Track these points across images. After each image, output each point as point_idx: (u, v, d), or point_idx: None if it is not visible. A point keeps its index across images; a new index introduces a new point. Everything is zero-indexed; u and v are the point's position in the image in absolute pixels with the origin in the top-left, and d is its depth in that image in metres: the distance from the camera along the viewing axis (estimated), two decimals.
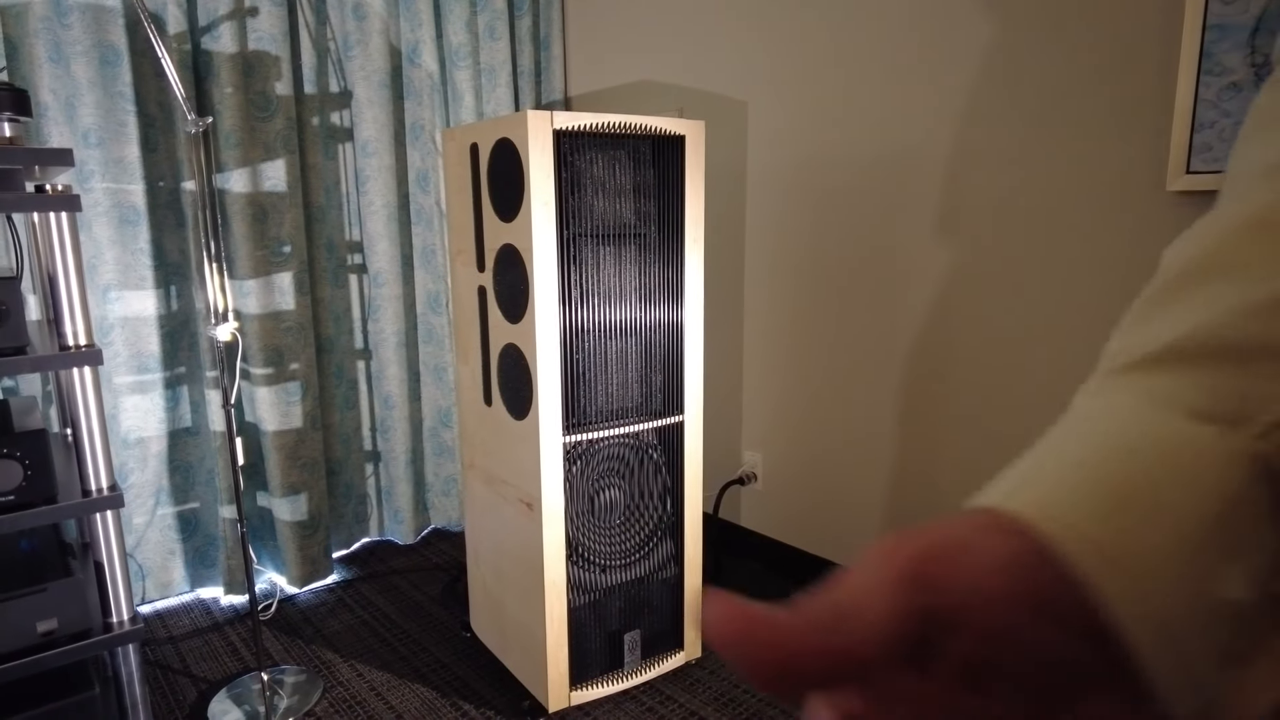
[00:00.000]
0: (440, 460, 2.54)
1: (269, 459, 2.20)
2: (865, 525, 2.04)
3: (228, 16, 2.01)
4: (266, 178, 2.13)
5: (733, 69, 2.19)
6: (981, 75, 1.69)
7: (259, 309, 2.13)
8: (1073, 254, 1.59)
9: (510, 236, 1.51)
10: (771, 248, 2.17)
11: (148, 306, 2.05)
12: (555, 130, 1.42)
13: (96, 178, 1.94)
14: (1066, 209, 1.59)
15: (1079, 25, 1.53)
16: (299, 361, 2.21)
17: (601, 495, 1.60)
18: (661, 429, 1.64)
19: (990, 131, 1.69)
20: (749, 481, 2.30)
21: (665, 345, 1.62)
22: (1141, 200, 1.49)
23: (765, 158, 2.14)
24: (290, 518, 2.23)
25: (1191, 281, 0.27)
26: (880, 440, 1.98)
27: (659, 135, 1.54)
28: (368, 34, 2.26)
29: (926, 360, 1.86)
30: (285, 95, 2.13)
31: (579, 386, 1.53)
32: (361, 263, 2.39)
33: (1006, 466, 0.27)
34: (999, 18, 1.64)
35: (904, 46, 1.81)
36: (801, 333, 2.13)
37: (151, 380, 2.08)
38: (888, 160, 1.87)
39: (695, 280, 1.63)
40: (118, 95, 1.95)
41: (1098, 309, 1.57)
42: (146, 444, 2.09)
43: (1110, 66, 1.50)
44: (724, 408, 2.38)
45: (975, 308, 1.76)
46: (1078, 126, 1.56)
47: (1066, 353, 1.62)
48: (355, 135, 2.31)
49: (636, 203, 1.56)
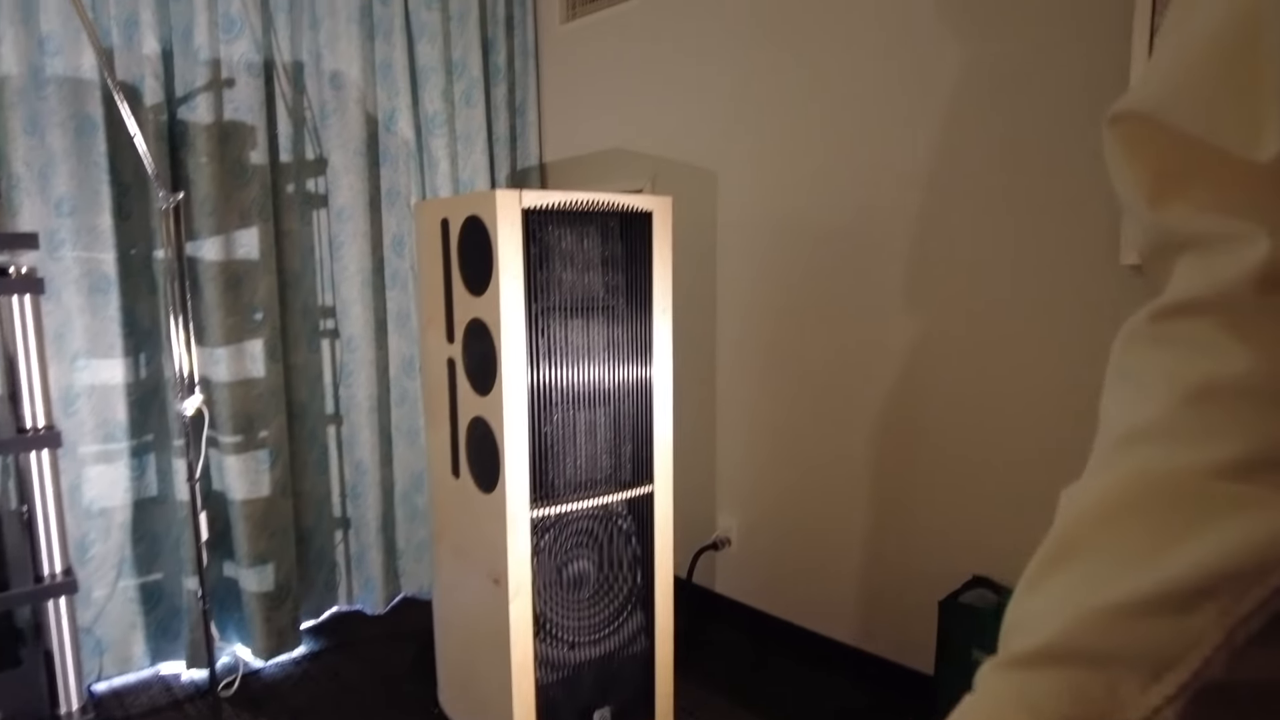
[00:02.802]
0: (412, 526, 2.51)
1: (237, 528, 2.16)
2: (842, 590, 2.03)
3: (205, 88, 2.04)
4: (241, 245, 2.14)
5: (703, 140, 2.23)
6: (944, 148, 1.74)
7: (230, 376, 2.12)
8: (1033, 320, 1.62)
9: (479, 310, 1.51)
10: (743, 314, 2.19)
11: (116, 374, 2.03)
12: (524, 209, 1.44)
13: (68, 246, 1.94)
14: (1026, 279, 1.63)
15: (1036, 103, 1.58)
16: (270, 428, 2.19)
17: (570, 567, 1.58)
18: (632, 499, 1.64)
19: (953, 203, 1.73)
20: (723, 546, 2.29)
21: (634, 416, 1.63)
22: (1096, 272, 1.52)
23: (735, 226, 2.18)
24: (257, 588, 2.18)
25: (1062, 560, 0.30)
26: (854, 502, 1.98)
27: (627, 211, 1.57)
28: (344, 102, 2.29)
29: (897, 423, 1.88)
30: (261, 164, 2.15)
31: (547, 459, 1.52)
32: (334, 327, 2.39)
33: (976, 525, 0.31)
34: (961, 94, 1.70)
35: (869, 121, 1.86)
36: (774, 396, 2.14)
37: (118, 449, 2.05)
38: (855, 229, 1.91)
39: (664, 351, 1.64)
40: (92, 165, 1.96)
41: (1058, 372, 1.60)
42: (110, 514, 2.05)
43: (1065, 143, 1.55)
44: (698, 471, 2.37)
45: (942, 371, 1.78)
46: (1037, 201, 1.60)
47: (1030, 414, 1.64)
48: (330, 201, 2.33)
49: (605, 275, 1.57)
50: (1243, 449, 0.26)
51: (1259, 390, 0.26)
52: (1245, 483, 0.25)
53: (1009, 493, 1.69)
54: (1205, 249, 0.28)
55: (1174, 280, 0.29)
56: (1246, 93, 0.26)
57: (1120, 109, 0.30)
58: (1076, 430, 1.58)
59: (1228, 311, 0.27)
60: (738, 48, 2.12)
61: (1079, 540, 0.29)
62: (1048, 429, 1.62)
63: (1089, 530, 0.29)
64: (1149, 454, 0.28)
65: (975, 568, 1.74)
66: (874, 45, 1.83)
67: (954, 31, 1.69)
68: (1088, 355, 1.56)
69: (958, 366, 1.75)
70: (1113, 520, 0.28)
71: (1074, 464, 1.52)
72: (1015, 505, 1.69)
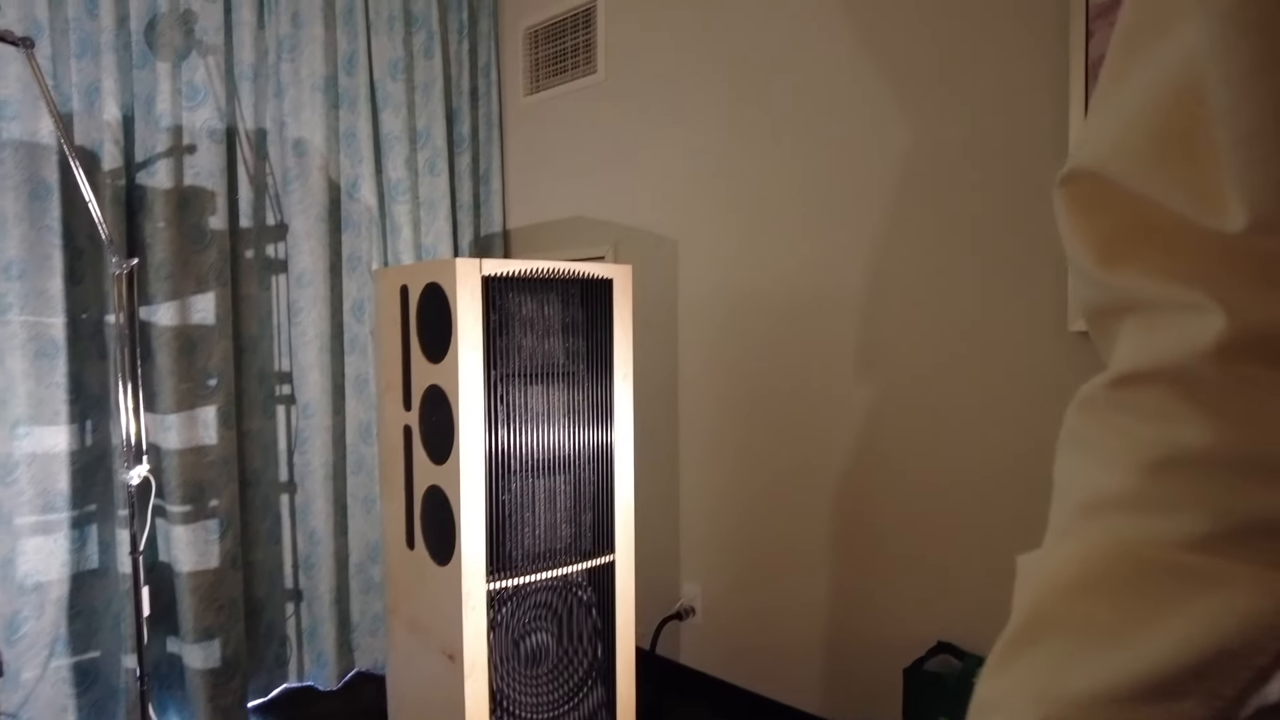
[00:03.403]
0: (367, 598, 2.43)
1: (183, 601, 2.08)
2: (808, 659, 2.00)
3: (165, 154, 2.03)
4: (196, 310, 2.11)
5: (664, 209, 2.28)
6: (896, 221, 1.79)
7: (181, 444, 2.06)
8: (987, 389, 1.65)
9: (437, 377, 1.50)
10: (704, 380, 2.20)
11: (60, 442, 1.96)
12: (484, 276, 1.45)
13: (15, 310, 1.90)
14: (979, 349, 1.66)
15: (983, 179, 1.64)
16: (221, 497, 2.13)
17: (528, 641, 1.54)
18: (592, 569, 1.61)
19: (906, 276, 1.77)
20: (688, 616, 2.25)
21: (595, 483, 1.61)
22: (1047, 340, 1.56)
23: (696, 293, 2.20)
24: (202, 665, 2.09)
25: (1031, 638, 0.29)
26: (818, 569, 1.97)
27: (588, 278, 1.58)
28: (307, 169, 2.30)
29: (858, 490, 1.88)
30: (220, 229, 2.14)
31: (505, 529, 1.49)
32: (290, 393, 2.35)
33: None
34: (912, 172, 1.76)
35: (825, 193, 1.92)
36: (737, 462, 2.14)
37: (57, 520, 1.97)
38: (811, 298, 1.94)
39: (625, 416, 1.64)
40: (45, 229, 1.93)
41: (1012, 438, 1.62)
42: (45, 589, 1.96)
43: (1012, 216, 1.60)
44: (661, 538, 2.35)
45: (899, 439, 1.80)
46: (986, 273, 1.65)
47: (986, 481, 1.66)
48: (290, 266, 2.32)
49: (566, 341, 1.58)
50: (1209, 522, 0.25)
51: (1221, 461, 0.25)
52: (1215, 555, 0.25)
53: (969, 558, 1.69)
54: (1155, 313, 0.28)
55: (1122, 343, 0.29)
56: (1195, 157, 0.26)
57: (1069, 169, 0.31)
58: (1031, 495, 1.60)
59: (1187, 382, 0.26)
60: (697, 120, 2.18)
61: (1047, 616, 0.29)
62: (1003, 495, 1.64)
63: (1057, 605, 0.28)
64: (1113, 524, 0.28)
65: (939, 634, 1.73)
66: (829, 124, 1.90)
67: (903, 114, 1.76)
68: (1038, 421, 1.59)
69: (914, 435, 1.77)
70: (1080, 594, 0.28)
71: (1029, 528, 1.53)
72: (976, 571, 1.69)
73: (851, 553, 1.90)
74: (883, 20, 1.79)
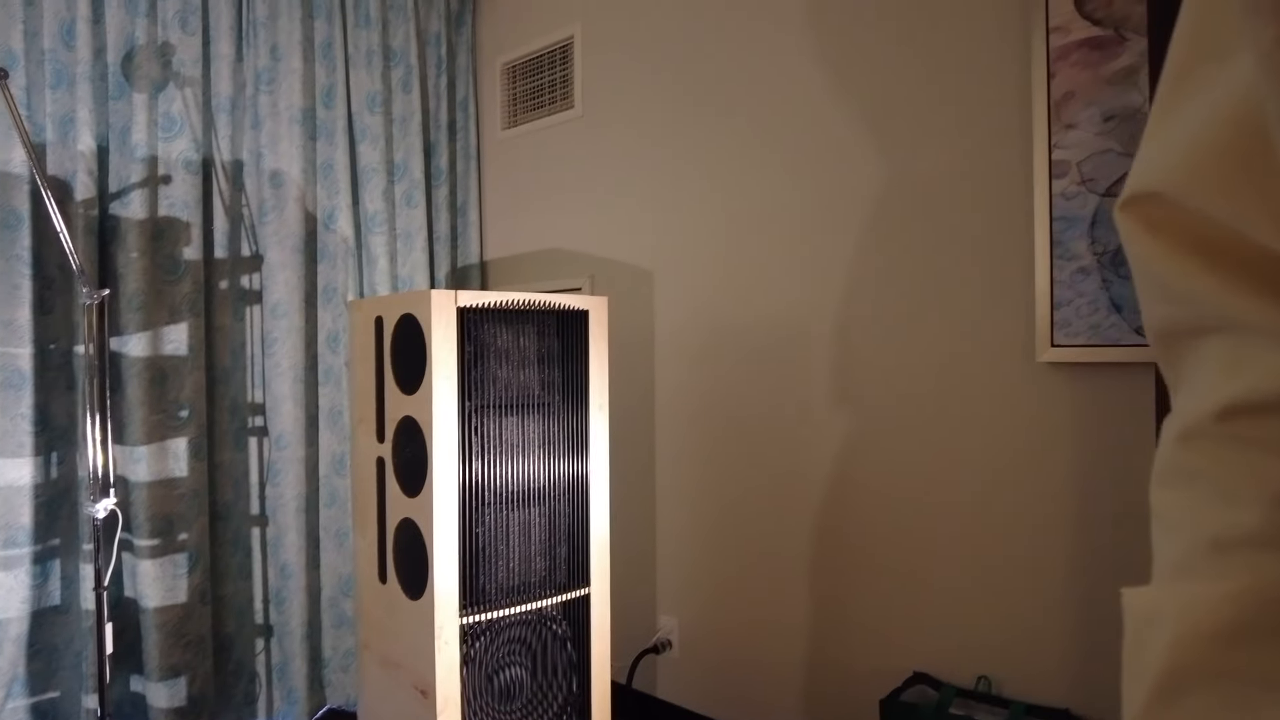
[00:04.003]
0: (339, 633, 2.39)
1: (148, 638, 2.03)
2: (785, 692, 1.99)
3: (140, 184, 2.03)
4: (169, 340, 2.09)
5: (639, 242, 2.30)
6: (868, 253, 1.82)
7: (150, 476, 2.03)
8: (958, 418, 1.67)
9: (411, 408, 1.50)
10: (681, 411, 2.21)
11: (23, 475, 1.92)
12: (460, 308, 1.45)
13: None
14: (950, 377, 1.69)
15: (952, 212, 1.68)
16: (190, 530, 2.09)
17: (502, 676, 1.52)
18: (567, 603, 1.59)
19: (878, 309, 1.80)
20: (665, 649, 2.23)
21: (570, 515, 1.60)
22: (1015, 370, 1.59)
23: (672, 325, 2.22)
24: (168, 704, 2.03)
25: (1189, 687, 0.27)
26: (795, 600, 1.96)
27: (564, 310, 1.59)
28: (283, 200, 2.30)
29: (833, 521, 1.89)
30: (194, 259, 2.13)
31: (478, 563, 1.48)
32: (263, 425, 2.33)
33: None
34: (883, 204, 1.79)
35: (799, 226, 1.95)
36: (713, 495, 2.14)
37: (19, 555, 1.92)
38: (788, 330, 1.97)
39: (600, 448, 1.64)
40: (15, 259, 1.91)
41: (982, 466, 1.64)
42: (4, 627, 1.90)
43: (981, 249, 1.64)
44: (637, 571, 2.33)
45: (873, 469, 1.81)
46: (956, 304, 1.68)
47: (958, 510, 1.67)
48: (265, 297, 2.30)
49: (541, 372, 1.58)
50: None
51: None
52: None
53: (945, 588, 1.70)
54: (1246, 336, 0.27)
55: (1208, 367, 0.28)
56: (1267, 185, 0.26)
57: (1130, 193, 0.30)
58: (1002, 525, 1.61)
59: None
60: (673, 155, 2.21)
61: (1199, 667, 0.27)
62: (975, 525, 1.65)
63: (1208, 654, 0.27)
64: (1256, 562, 0.26)
65: (916, 664, 1.73)
66: (802, 159, 1.93)
67: (875, 150, 1.80)
68: (1010, 451, 1.61)
69: (888, 466, 1.78)
70: (1238, 643, 0.26)
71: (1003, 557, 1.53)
72: (952, 601, 1.69)
73: (828, 584, 1.90)
74: (854, 61, 1.84)
